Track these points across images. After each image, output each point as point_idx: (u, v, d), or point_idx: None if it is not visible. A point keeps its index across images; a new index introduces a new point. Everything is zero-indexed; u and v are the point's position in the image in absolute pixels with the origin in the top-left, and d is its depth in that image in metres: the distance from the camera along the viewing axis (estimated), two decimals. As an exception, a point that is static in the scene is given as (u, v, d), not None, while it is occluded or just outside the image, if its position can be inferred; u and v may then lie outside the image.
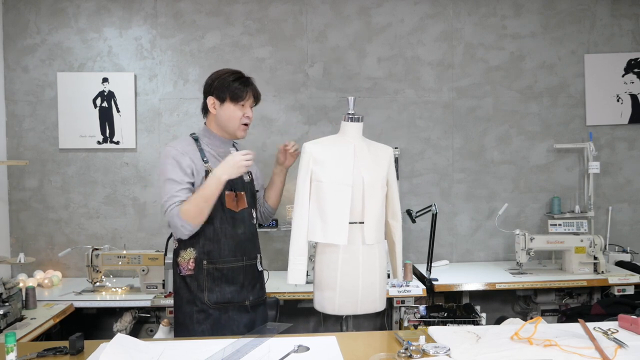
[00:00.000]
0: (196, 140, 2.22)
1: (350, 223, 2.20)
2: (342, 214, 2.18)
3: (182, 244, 2.17)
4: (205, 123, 2.28)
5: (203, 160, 2.17)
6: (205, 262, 2.15)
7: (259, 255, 2.30)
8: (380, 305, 2.33)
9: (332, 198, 2.18)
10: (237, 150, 2.32)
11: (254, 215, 2.30)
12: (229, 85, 2.18)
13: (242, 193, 2.22)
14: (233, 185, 2.18)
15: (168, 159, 2.15)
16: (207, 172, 2.14)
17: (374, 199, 2.24)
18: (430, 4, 3.59)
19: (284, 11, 3.54)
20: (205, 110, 2.26)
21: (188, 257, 2.16)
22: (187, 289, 2.16)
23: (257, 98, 2.26)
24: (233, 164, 2.09)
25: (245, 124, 2.24)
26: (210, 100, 2.21)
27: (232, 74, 2.22)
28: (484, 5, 3.62)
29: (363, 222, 2.23)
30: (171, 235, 2.31)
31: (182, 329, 2.17)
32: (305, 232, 2.22)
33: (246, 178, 2.28)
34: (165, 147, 2.24)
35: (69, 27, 3.46)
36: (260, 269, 2.31)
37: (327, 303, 2.26)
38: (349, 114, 2.30)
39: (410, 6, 3.59)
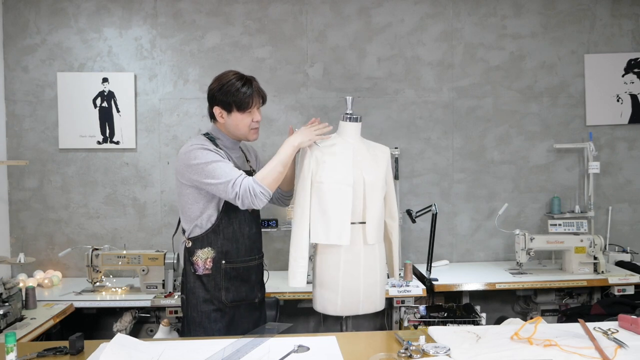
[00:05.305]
0: (212, 140, 2.18)
1: (352, 223, 2.20)
2: (344, 215, 2.17)
3: (198, 243, 2.15)
4: (213, 123, 2.24)
5: (228, 158, 2.15)
6: (223, 262, 2.15)
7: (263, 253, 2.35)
8: (380, 305, 2.34)
9: (333, 199, 2.17)
10: (242, 151, 2.32)
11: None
12: (233, 95, 2.11)
13: None
14: None
15: (198, 151, 2.07)
16: None
17: (375, 198, 2.24)
18: (430, 4, 3.59)
19: (284, 11, 3.54)
20: (212, 116, 2.21)
21: (205, 256, 2.14)
22: (203, 288, 2.15)
23: (264, 99, 2.21)
24: (308, 133, 2.16)
25: (256, 127, 2.21)
26: (217, 110, 2.16)
27: (234, 80, 2.13)
28: (484, 5, 3.62)
29: (364, 222, 2.23)
30: (175, 233, 2.31)
31: (197, 328, 2.16)
32: (307, 233, 2.20)
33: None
34: (186, 147, 2.12)
35: (69, 27, 3.46)
36: (265, 266, 2.36)
37: (329, 304, 2.26)
38: (347, 113, 2.29)
39: (410, 6, 3.59)
